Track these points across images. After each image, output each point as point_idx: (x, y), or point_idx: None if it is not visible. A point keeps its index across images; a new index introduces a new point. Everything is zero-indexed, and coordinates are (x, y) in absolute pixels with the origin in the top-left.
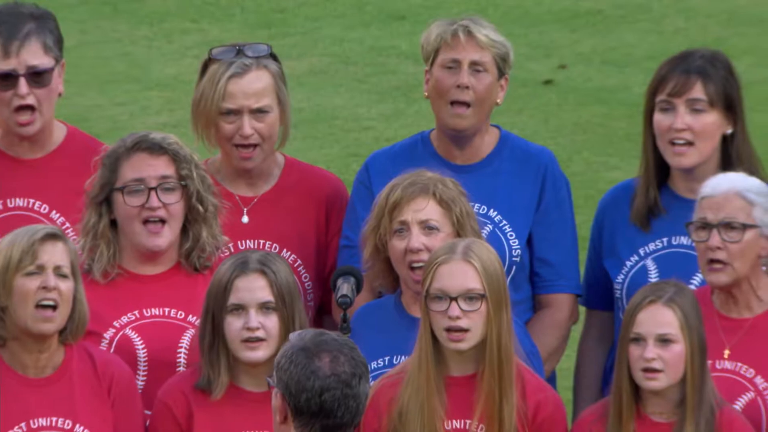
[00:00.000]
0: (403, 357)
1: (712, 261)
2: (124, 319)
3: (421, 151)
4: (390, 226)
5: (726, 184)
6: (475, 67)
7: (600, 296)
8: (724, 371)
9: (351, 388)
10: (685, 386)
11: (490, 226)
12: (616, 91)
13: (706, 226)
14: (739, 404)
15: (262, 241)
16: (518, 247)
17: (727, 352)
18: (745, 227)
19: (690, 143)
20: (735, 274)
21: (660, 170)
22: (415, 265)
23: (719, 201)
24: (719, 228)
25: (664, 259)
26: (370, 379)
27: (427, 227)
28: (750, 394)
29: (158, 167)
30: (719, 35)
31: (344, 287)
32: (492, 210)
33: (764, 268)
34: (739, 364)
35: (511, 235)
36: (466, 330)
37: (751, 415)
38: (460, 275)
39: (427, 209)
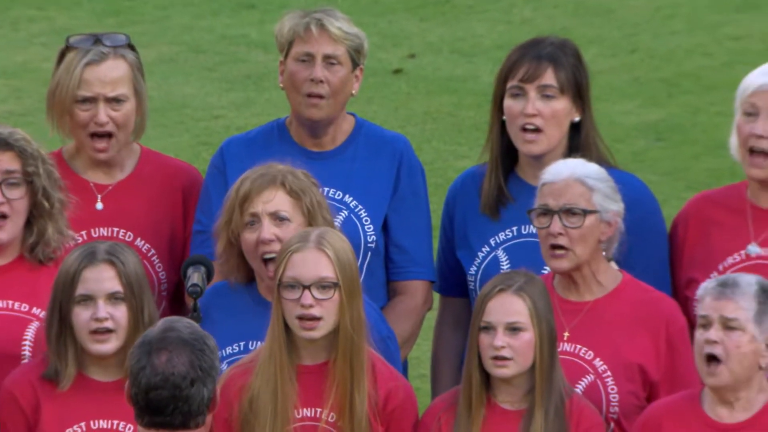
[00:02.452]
0: (258, 343)
1: (554, 247)
2: None
3: (277, 138)
4: (241, 219)
5: (566, 171)
6: (329, 60)
7: (454, 283)
8: (564, 353)
9: (180, 390)
10: (535, 374)
11: (346, 212)
12: (465, 80)
13: (547, 212)
14: (579, 387)
15: (116, 229)
16: (373, 233)
17: (566, 335)
18: (585, 213)
19: (539, 130)
20: (576, 259)
21: (507, 158)
22: (267, 256)
23: (560, 187)
24: (560, 214)
25: (515, 249)
26: (222, 368)
27: (278, 218)
28: (590, 377)
29: (3, 162)
30: (566, 25)
31: (194, 276)
32: (347, 196)
33: (604, 252)
34: (579, 347)
35: (366, 221)
36: (318, 318)
37: (591, 397)
38: (312, 264)
39: (277, 200)
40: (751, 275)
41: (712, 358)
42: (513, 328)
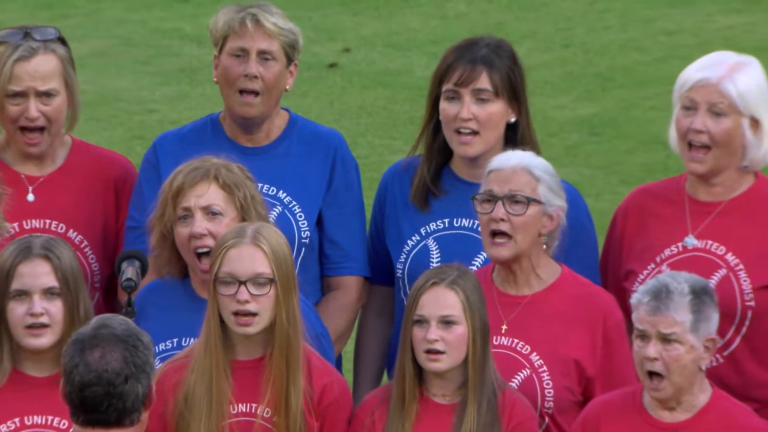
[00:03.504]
0: (192, 339)
1: (495, 234)
2: None
3: (210, 134)
4: (174, 213)
5: (514, 160)
6: (264, 55)
7: (381, 272)
8: (501, 347)
9: (114, 387)
10: (467, 368)
11: (280, 208)
12: (399, 74)
13: (491, 198)
14: (515, 381)
15: (48, 221)
16: (307, 228)
17: (504, 328)
18: (529, 201)
19: (475, 132)
20: (516, 248)
21: (442, 152)
22: (200, 251)
23: (506, 174)
24: (504, 200)
25: (446, 240)
26: (156, 364)
27: (211, 212)
28: (526, 371)
29: None
30: (500, 20)
31: (129, 270)
32: (281, 191)
33: (545, 246)
34: (516, 341)
35: (300, 216)
36: (254, 314)
37: (526, 391)
38: (248, 259)
39: (209, 194)
40: (682, 277)
41: (653, 374)
42: (446, 322)
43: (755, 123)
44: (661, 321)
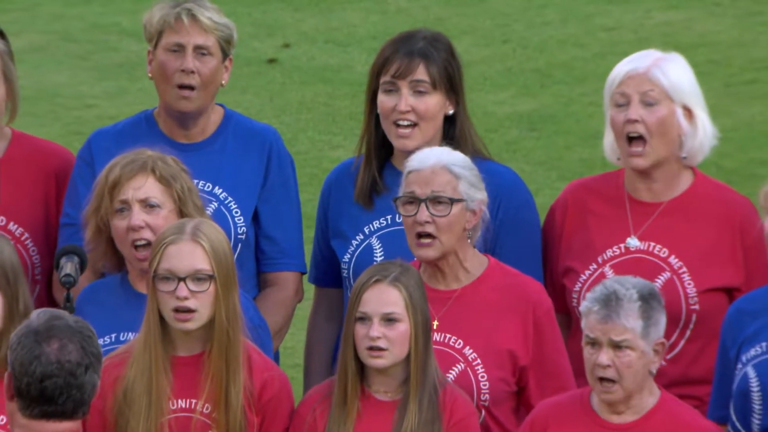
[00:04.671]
0: (130, 334)
1: (420, 235)
2: None
3: (145, 130)
4: (111, 206)
5: (432, 158)
6: (200, 50)
7: (328, 274)
8: (435, 343)
9: (75, 377)
10: (409, 365)
11: (216, 204)
12: (339, 70)
13: (413, 200)
14: (450, 375)
15: None
16: (244, 224)
17: (435, 324)
18: (452, 202)
19: (414, 124)
20: (442, 248)
21: (382, 148)
22: (138, 243)
23: (426, 175)
24: (427, 202)
25: (389, 237)
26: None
27: (148, 205)
28: (460, 365)
29: None
30: (440, 15)
31: (68, 266)
32: (217, 187)
33: (469, 240)
34: (448, 336)
35: (236, 212)
36: (193, 311)
37: (461, 385)
38: (188, 256)
39: (147, 187)
40: (629, 283)
41: (604, 379)
42: (389, 319)
43: (688, 112)
44: (612, 329)
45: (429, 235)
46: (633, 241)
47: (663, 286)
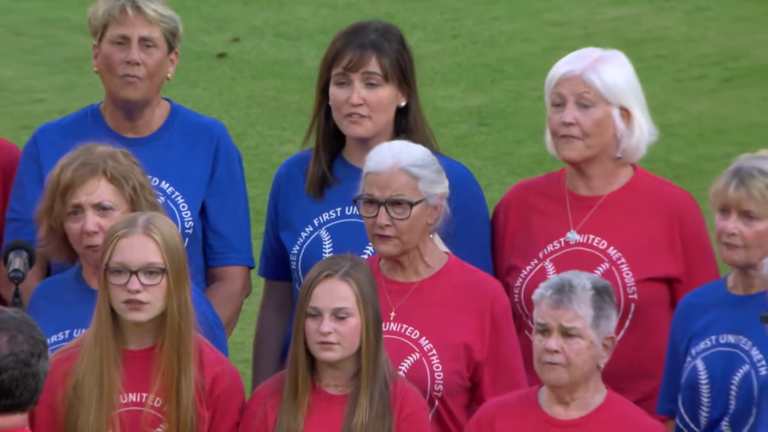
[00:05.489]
0: (84, 331)
1: (381, 235)
2: None
3: (91, 125)
4: (64, 208)
5: (390, 159)
6: (145, 42)
7: (278, 267)
8: (390, 333)
9: (30, 367)
10: (360, 359)
11: (163, 198)
12: (289, 64)
13: (373, 201)
14: (405, 365)
15: None
16: (191, 219)
17: (392, 315)
18: (411, 204)
19: (366, 116)
20: (403, 246)
21: (333, 140)
22: (92, 246)
23: (385, 178)
24: (386, 205)
25: (338, 230)
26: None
27: (102, 208)
28: (415, 355)
29: None
30: (390, 10)
31: (16, 261)
32: (164, 182)
33: (431, 235)
34: (405, 326)
35: (183, 207)
36: (146, 303)
37: (416, 375)
38: (140, 249)
39: (100, 190)
40: (584, 275)
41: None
42: (339, 314)
43: (626, 113)
44: (563, 314)
45: (390, 236)
46: (572, 235)
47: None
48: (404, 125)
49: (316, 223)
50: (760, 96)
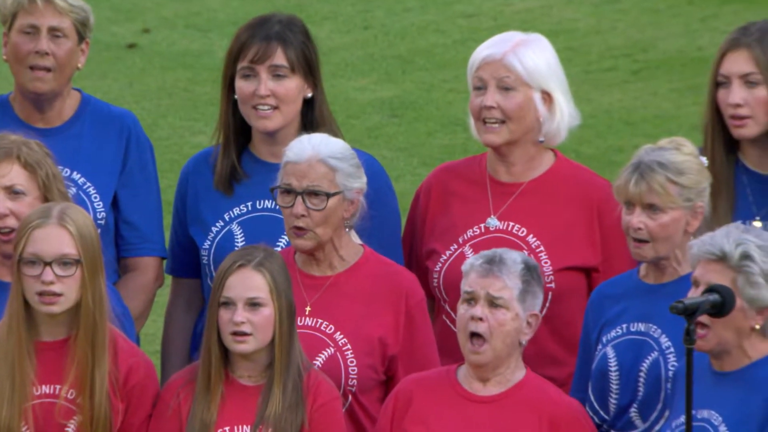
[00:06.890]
0: None
1: (297, 228)
2: None
3: (1, 115)
4: None
5: (309, 151)
6: (55, 32)
7: (186, 264)
8: (306, 328)
9: None
10: (273, 349)
11: (74, 189)
12: (200, 55)
13: (290, 191)
14: (320, 359)
15: None
16: (103, 209)
17: (308, 309)
18: (328, 196)
19: (274, 108)
20: (318, 239)
21: (241, 134)
22: (3, 230)
23: (303, 168)
24: (303, 195)
25: (250, 223)
26: None
27: (14, 192)
28: (330, 350)
29: None
30: (301, 1)
31: None
32: (75, 173)
33: (347, 229)
34: (320, 321)
35: (95, 198)
36: (60, 294)
37: (330, 370)
38: (54, 240)
39: (12, 174)
40: (516, 252)
41: (475, 335)
42: (253, 304)
43: (548, 96)
44: (492, 283)
45: (304, 228)
46: (492, 221)
47: None
48: (311, 117)
49: (227, 217)
50: (669, 87)
